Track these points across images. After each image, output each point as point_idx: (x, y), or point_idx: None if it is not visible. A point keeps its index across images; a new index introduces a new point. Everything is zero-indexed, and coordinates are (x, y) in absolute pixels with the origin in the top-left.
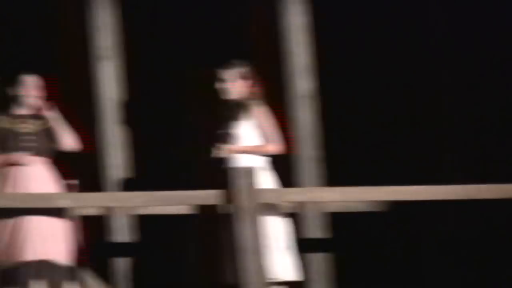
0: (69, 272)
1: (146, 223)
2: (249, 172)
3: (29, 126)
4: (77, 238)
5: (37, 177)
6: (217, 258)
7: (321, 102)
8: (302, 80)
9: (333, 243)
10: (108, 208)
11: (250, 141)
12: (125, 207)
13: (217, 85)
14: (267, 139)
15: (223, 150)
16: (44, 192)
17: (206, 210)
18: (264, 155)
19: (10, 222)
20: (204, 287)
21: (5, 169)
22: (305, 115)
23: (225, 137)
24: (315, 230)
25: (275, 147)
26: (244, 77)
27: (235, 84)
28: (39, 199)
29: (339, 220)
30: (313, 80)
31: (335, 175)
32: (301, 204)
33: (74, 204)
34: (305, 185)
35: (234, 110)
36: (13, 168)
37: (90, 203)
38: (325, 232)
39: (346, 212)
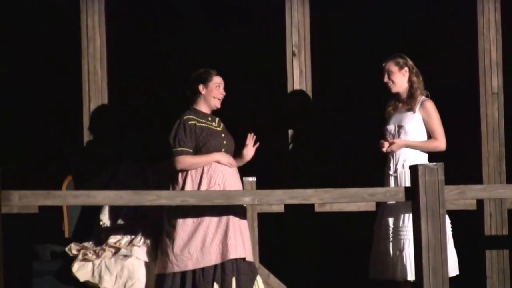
0: (254, 270)
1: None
2: (433, 169)
3: (216, 124)
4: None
5: (233, 175)
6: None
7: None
8: (492, 77)
9: (511, 240)
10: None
11: (418, 137)
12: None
13: (384, 79)
14: (433, 135)
15: (390, 145)
16: (236, 188)
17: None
18: (428, 151)
19: (213, 220)
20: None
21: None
22: (493, 112)
23: (391, 132)
24: (494, 227)
25: (441, 144)
26: (401, 65)
27: (395, 73)
28: (221, 196)
29: None
30: (501, 77)
31: None
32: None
33: (256, 202)
34: (487, 182)
35: (399, 103)
36: (212, 166)
37: (272, 200)
38: (504, 229)
39: None
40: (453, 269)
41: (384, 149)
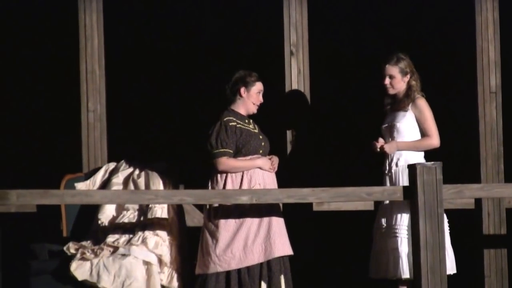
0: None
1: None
2: (431, 168)
3: (252, 126)
4: None
5: (272, 175)
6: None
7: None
8: (490, 76)
9: (510, 239)
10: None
11: (410, 136)
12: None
13: (383, 81)
14: (426, 133)
15: (385, 146)
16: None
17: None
18: (422, 150)
19: (254, 221)
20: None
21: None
22: (491, 111)
23: (386, 131)
24: (493, 226)
25: (434, 141)
26: (404, 72)
27: (398, 80)
28: (218, 195)
29: None
30: (499, 76)
31: None
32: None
33: (254, 201)
34: (486, 181)
35: (394, 102)
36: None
37: (269, 199)
38: (503, 228)
39: None
40: (451, 267)
41: (377, 150)
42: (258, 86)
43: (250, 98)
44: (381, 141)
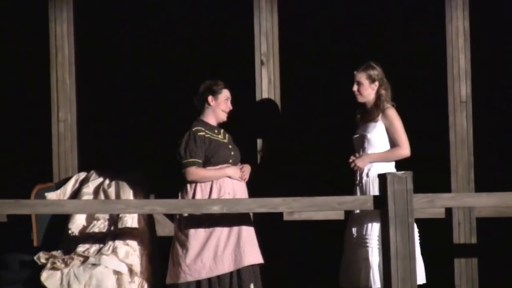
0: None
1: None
2: (402, 178)
3: (222, 137)
4: None
5: (242, 184)
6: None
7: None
8: (461, 85)
9: (481, 249)
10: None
11: (382, 146)
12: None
13: (353, 88)
14: (396, 143)
15: (357, 161)
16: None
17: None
18: (393, 160)
19: (223, 230)
20: None
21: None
22: (462, 121)
23: (357, 142)
24: (463, 236)
25: (404, 151)
26: (372, 78)
27: (365, 86)
28: (190, 205)
29: (489, 226)
30: (470, 85)
31: (486, 181)
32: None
33: (225, 210)
34: (456, 191)
35: (365, 113)
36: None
37: (240, 209)
38: (473, 237)
39: (497, 218)
40: (420, 277)
41: (352, 166)
42: (225, 93)
43: (219, 106)
44: (353, 157)
